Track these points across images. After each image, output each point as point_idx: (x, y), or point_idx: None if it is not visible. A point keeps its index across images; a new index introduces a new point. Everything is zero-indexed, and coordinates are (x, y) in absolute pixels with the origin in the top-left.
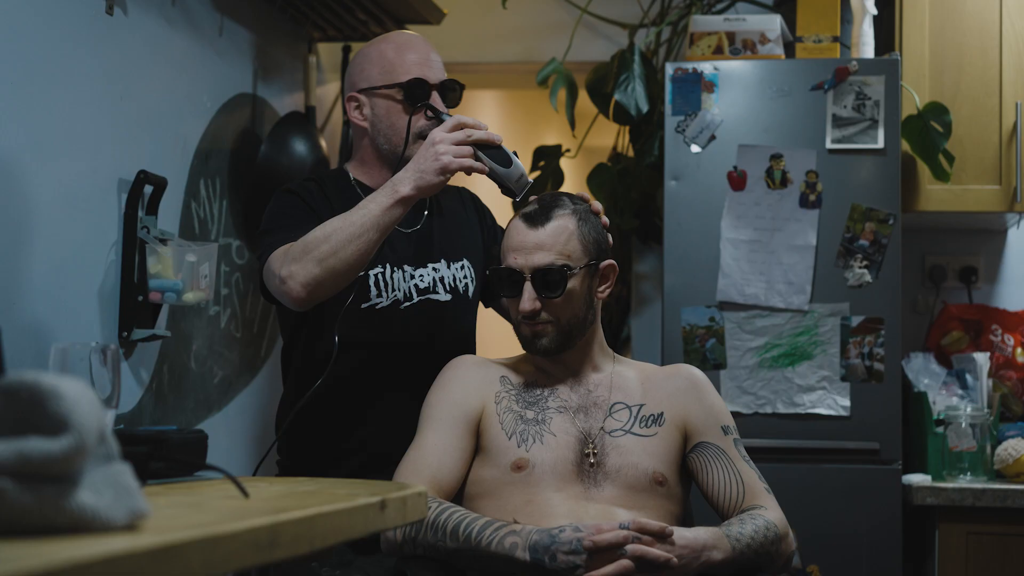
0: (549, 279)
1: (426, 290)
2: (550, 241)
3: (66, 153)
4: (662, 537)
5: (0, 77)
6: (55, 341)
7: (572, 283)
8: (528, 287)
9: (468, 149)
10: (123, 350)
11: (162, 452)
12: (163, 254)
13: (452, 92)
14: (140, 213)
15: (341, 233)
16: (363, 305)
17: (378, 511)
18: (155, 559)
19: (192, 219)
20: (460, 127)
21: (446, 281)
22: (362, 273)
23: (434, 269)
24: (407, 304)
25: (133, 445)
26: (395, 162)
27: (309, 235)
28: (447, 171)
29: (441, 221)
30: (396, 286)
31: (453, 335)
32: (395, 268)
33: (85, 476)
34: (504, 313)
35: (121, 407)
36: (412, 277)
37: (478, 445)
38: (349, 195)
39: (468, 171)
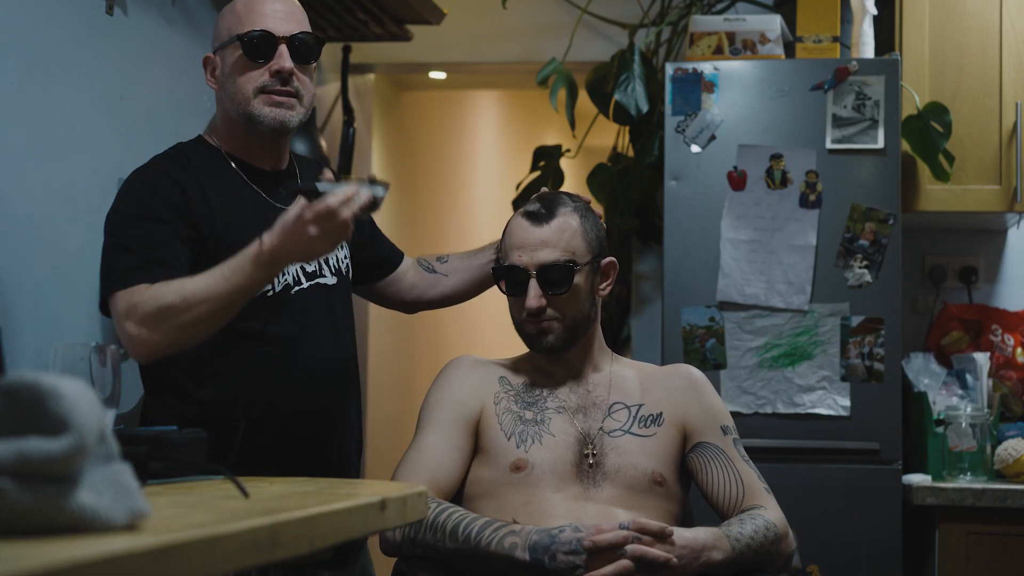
0: (554, 276)
1: (314, 273)
2: (554, 238)
3: (66, 153)
4: (662, 537)
5: (0, 77)
6: (55, 341)
7: (577, 279)
8: (533, 284)
9: (341, 228)
10: (123, 350)
11: (162, 452)
12: None
13: (304, 47)
14: None
15: (204, 306)
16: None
17: (378, 511)
18: (155, 559)
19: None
20: (329, 214)
21: (331, 263)
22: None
23: None
24: (297, 289)
25: (133, 445)
26: (242, 121)
27: (165, 296)
28: (318, 257)
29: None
30: (285, 270)
31: (343, 321)
32: None
33: (85, 476)
34: (375, 299)
35: (121, 407)
36: (296, 267)
37: (477, 446)
38: (220, 170)
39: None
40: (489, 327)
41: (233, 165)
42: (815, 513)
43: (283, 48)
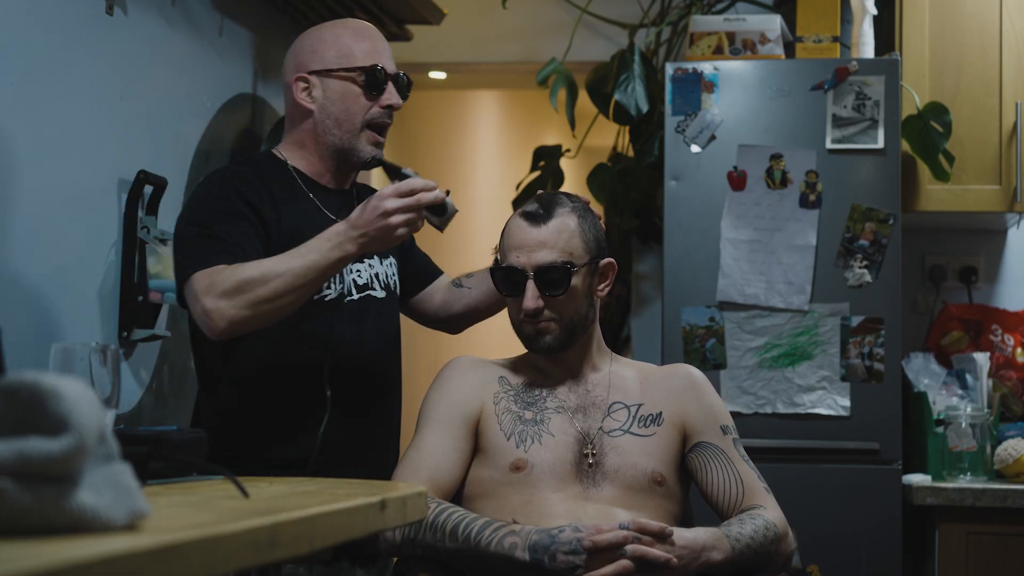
0: (552, 277)
1: (364, 286)
2: (552, 239)
3: (66, 153)
4: (662, 537)
5: (0, 77)
6: (55, 341)
7: (575, 280)
8: (531, 285)
9: (416, 215)
10: (123, 350)
11: (162, 452)
12: (163, 254)
13: (404, 87)
14: (140, 213)
15: (281, 280)
16: (313, 296)
17: (378, 511)
18: (155, 559)
19: None
20: (411, 193)
21: (380, 277)
22: None
23: (369, 265)
24: (349, 299)
25: (133, 445)
26: (339, 149)
27: (244, 271)
28: (396, 241)
29: None
30: (342, 278)
31: (392, 334)
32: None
33: (85, 476)
34: (415, 316)
35: (121, 407)
36: (351, 271)
37: (477, 446)
38: (288, 182)
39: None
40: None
41: (299, 180)
42: (815, 513)
43: (391, 85)
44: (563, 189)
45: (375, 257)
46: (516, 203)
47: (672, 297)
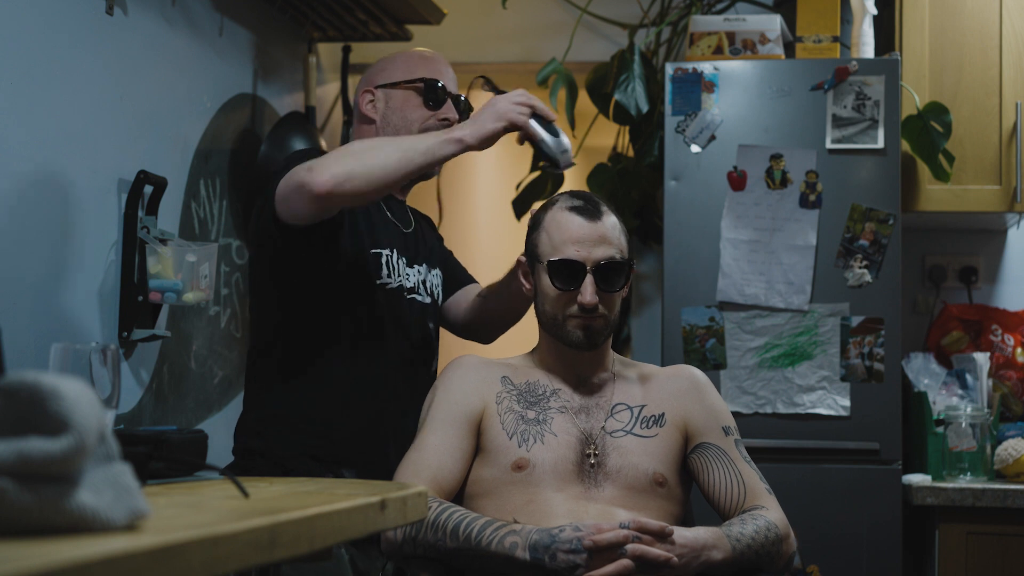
0: (611, 273)
1: (412, 289)
2: (611, 235)
3: (66, 153)
4: (662, 536)
5: (0, 77)
6: (55, 341)
7: (630, 278)
8: (590, 279)
9: (527, 109)
10: (123, 350)
11: (162, 452)
12: (163, 254)
13: (464, 110)
14: (140, 213)
15: (389, 144)
16: (376, 281)
17: (378, 511)
18: (155, 559)
19: (192, 219)
20: (522, 95)
21: (427, 285)
22: (374, 251)
23: (418, 272)
24: (403, 295)
25: (133, 445)
26: None
27: (349, 144)
28: (504, 120)
29: (421, 230)
30: (401, 272)
31: (434, 338)
32: (400, 256)
33: (85, 476)
34: (445, 324)
35: (121, 407)
36: (400, 275)
37: (479, 445)
38: None
39: (523, 131)
40: None
41: None
42: (815, 513)
43: (450, 102)
44: (563, 189)
45: (423, 264)
46: (516, 203)
47: (672, 297)
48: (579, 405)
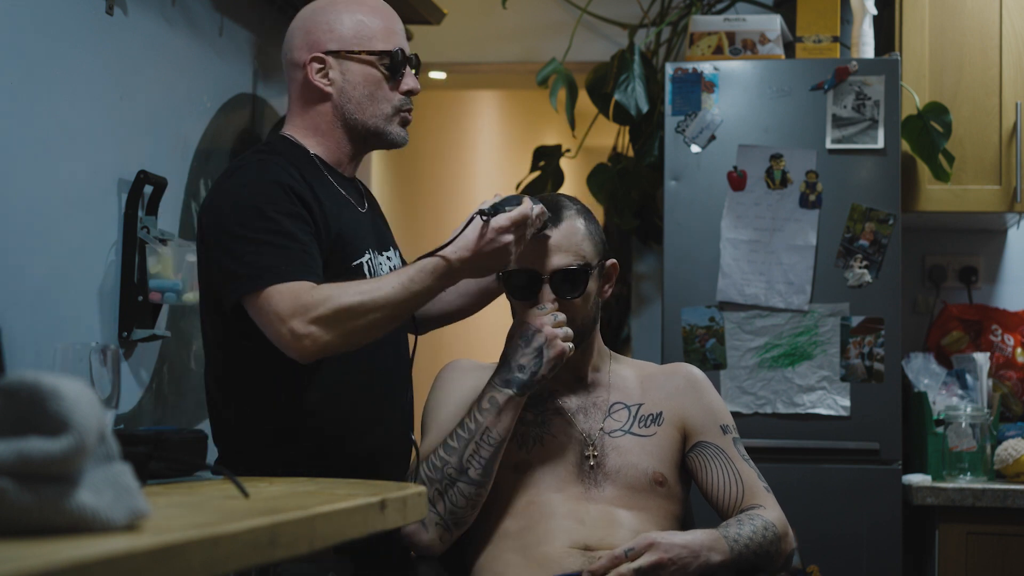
0: (568, 280)
1: None
2: (566, 242)
3: (66, 153)
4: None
5: (0, 77)
6: (55, 341)
7: (589, 283)
8: (547, 289)
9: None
10: (123, 350)
11: (162, 452)
12: (163, 254)
13: (416, 67)
14: (140, 213)
15: (381, 313)
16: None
17: (378, 511)
18: (155, 559)
19: (192, 219)
20: (523, 219)
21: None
22: (355, 263)
23: (388, 258)
24: None
25: (133, 445)
26: (369, 132)
27: (341, 298)
28: (505, 264)
29: (373, 209)
30: (377, 269)
31: (404, 331)
32: (374, 252)
33: (85, 476)
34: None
35: (121, 407)
36: (378, 264)
37: None
38: (315, 172)
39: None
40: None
41: (321, 168)
42: (815, 513)
43: (408, 70)
44: (563, 189)
45: (390, 248)
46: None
47: (672, 297)
48: (576, 405)
